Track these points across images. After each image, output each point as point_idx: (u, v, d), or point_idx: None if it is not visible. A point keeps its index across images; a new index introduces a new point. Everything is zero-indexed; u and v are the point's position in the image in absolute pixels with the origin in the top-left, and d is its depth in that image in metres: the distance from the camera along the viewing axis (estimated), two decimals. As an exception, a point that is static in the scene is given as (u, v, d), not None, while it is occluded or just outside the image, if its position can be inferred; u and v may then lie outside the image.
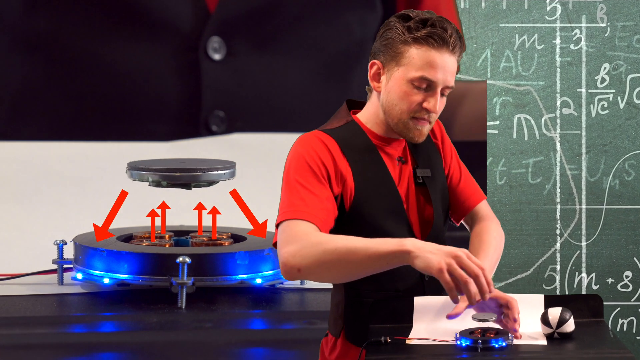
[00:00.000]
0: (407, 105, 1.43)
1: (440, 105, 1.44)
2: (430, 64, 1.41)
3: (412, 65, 1.41)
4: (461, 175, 1.54)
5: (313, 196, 1.37)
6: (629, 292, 2.41)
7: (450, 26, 1.44)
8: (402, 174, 1.48)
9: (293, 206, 1.36)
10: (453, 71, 1.44)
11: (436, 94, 1.43)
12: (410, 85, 1.42)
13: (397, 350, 1.34)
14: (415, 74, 1.41)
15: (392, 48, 1.43)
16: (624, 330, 2.40)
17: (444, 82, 1.43)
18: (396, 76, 1.43)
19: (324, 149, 1.42)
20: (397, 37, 1.42)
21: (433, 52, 1.42)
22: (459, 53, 1.44)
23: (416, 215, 1.47)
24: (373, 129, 1.47)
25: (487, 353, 1.32)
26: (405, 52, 1.42)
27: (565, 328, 1.35)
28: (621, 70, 2.32)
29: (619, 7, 2.29)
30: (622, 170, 2.41)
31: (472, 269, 1.29)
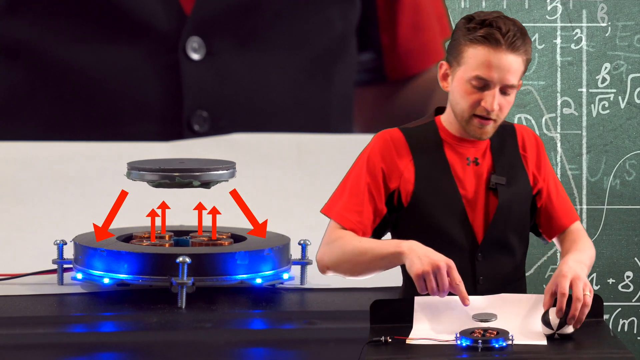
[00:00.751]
0: (467, 103, 1.50)
1: (503, 104, 1.50)
2: (485, 64, 1.47)
3: (469, 65, 1.49)
4: (558, 194, 1.59)
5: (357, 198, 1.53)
6: (629, 292, 2.41)
7: (508, 25, 1.48)
8: (474, 176, 1.53)
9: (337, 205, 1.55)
10: (513, 70, 1.49)
11: (493, 92, 1.48)
12: (469, 85, 1.49)
13: (397, 350, 1.34)
14: (472, 73, 1.48)
15: (455, 49, 1.51)
16: (624, 331, 2.39)
17: (500, 81, 1.48)
18: (458, 76, 1.50)
19: (388, 146, 1.53)
20: (459, 38, 1.50)
21: (487, 52, 1.48)
22: (523, 51, 1.49)
23: (482, 218, 1.52)
24: (449, 128, 1.54)
25: (487, 353, 1.32)
26: (464, 52, 1.49)
27: (565, 329, 1.35)
28: (622, 70, 2.31)
29: (619, 6, 2.29)
30: (623, 170, 2.41)
31: (442, 282, 1.40)
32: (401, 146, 1.52)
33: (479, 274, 1.52)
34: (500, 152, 1.54)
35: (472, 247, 1.52)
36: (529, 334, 1.37)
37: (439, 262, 1.40)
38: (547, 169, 1.61)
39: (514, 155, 1.56)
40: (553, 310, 1.33)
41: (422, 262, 1.42)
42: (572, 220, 1.60)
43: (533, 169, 1.57)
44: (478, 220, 1.51)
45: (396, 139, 1.52)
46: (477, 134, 1.50)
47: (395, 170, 1.51)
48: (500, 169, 1.53)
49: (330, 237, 1.55)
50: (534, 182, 1.57)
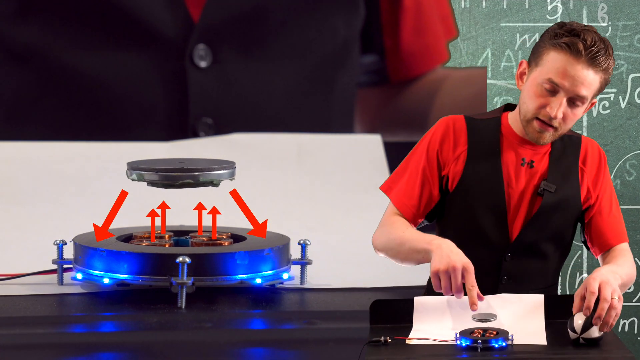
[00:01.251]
0: (534, 104, 1.50)
1: (568, 114, 1.50)
2: (560, 70, 1.48)
3: (545, 68, 1.49)
4: (610, 212, 1.59)
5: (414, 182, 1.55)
6: (630, 292, 2.40)
7: (594, 40, 1.48)
8: (525, 178, 1.53)
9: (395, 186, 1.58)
10: (587, 83, 1.48)
11: (560, 100, 1.48)
12: (540, 87, 1.50)
13: (397, 350, 1.34)
14: (546, 76, 1.49)
15: (538, 50, 1.52)
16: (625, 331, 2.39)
17: (571, 91, 1.48)
18: (532, 76, 1.51)
19: (449, 132, 1.55)
20: (545, 40, 1.51)
21: (566, 59, 1.48)
22: (602, 69, 1.49)
23: (521, 221, 1.53)
24: (512, 126, 1.56)
25: (487, 353, 1.32)
26: (545, 54, 1.50)
27: (591, 333, 1.34)
28: (622, 69, 2.31)
29: (620, 6, 2.28)
30: (624, 170, 2.40)
31: (455, 283, 1.41)
32: (461, 134, 1.54)
33: (504, 274, 1.52)
34: (558, 161, 1.54)
35: (503, 246, 1.52)
36: (528, 333, 1.37)
37: (456, 263, 1.41)
38: (605, 186, 1.60)
39: (572, 166, 1.56)
40: (579, 315, 1.32)
41: (441, 260, 1.43)
42: (619, 240, 1.58)
43: (589, 184, 1.57)
44: (517, 222, 1.52)
45: (458, 126, 1.54)
46: (535, 137, 1.51)
47: (449, 156, 1.53)
48: (554, 176, 1.53)
49: (385, 220, 1.57)
50: (587, 196, 1.57)
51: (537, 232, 1.53)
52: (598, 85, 1.51)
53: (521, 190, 1.53)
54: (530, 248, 1.54)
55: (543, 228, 1.53)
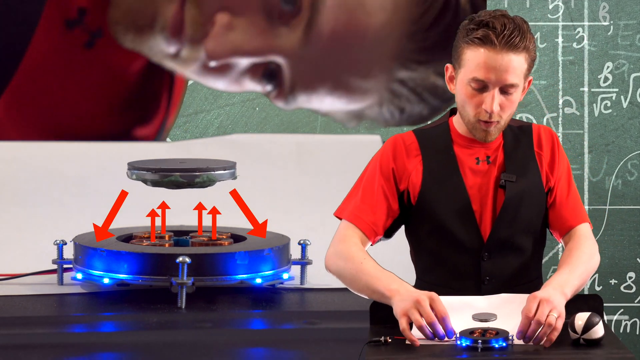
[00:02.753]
0: (471, 107, 1.49)
1: (504, 104, 1.47)
2: (481, 65, 1.46)
3: (468, 67, 1.47)
4: (568, 194, 1.56)
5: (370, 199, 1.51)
6: (632, 293, 2.40)
7: (505, 24, 1.45)
8: (484, 175, 1.52)
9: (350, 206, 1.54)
10: (511, 69, 1.45)
11: (492, 94, 1.46)
12: (468, 87, 1.48)
13: (397, 351, 1.33)
14: (470, 75, 1.47)
15: (456, 51, 1.50)
16: (627, 332, 2.38)
17: (498, 82, 1.46)
18: (459, 79, 1.50)
19: (399, 148, 1.54)
20: (459, 40, 1.49)
21: (483, 53, 1.45)
22: (522, 49, 1.46)
23: (489, 218, 1.51)
24: (459, 129, 1.54)
25: (487, 353, 1.31)
26: (463, 54, 1.48)
27: (591, 334, 1.33)
28: (624, 69, 2.31)
29: (621, 5, 2.28)
30: (625, 170, 2.40)
31: (427, 314, 1.38)
32: (412, 147, 1.52)
33: (485, 274, 1.50)
34: (513, 151, 1.52)
35: (478, 246, 1.50)
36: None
37: (419, 296, 1.38)
38: (562, 168, 1.57)
39: (528, 153, 1.53)
40: (580, 315, 1.32)
41: (404, 301, 1.39)
42: (578, 221, 1.54)
43: (546, 168, 1.54)
44: (486, 220, 1.50)
45: (407, 140, 1.53)
46: (482, 137, 1.49)
47: (405, 171, 1.52)
48: (512, 167, 1.51)
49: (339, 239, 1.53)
50: (547, 180, 1.54)
51: (508, 226, 1.50)
52: (525, 66, 1.47)
53: (483, 189, 1.51)
54: (505, 244, 1.50)
55: (513, 221, 1.50)
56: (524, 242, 1.53)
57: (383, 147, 1.55)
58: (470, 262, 1.51)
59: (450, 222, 1.49)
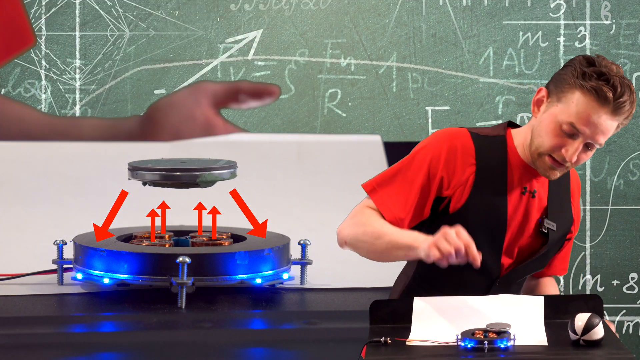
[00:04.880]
0: (550, 143, 1.47)
1: (582, 158, 1.48)
2: (584, 116, 1.44)
3: (568, 108, 1.45)
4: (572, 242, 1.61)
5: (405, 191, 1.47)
6: (634, 294, 2.39)
7: (623, 88, 1.44)
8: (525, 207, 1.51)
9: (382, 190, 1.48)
10: (607, 131, 1.46)
11: (578, 145, 1.46)
12: (559, 127, 1.46)
13: (397, 352, 1.33)
14: (567, 118, 1.45)
15: (561, 84, 1.47)
16: (629, 333, 2.37)
17: (590, 138, 1.46)
18: (552, 111, 1.47)
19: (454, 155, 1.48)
20: (570, 76, 1.46)
21: (593, 106, 1.44)
22: (623, 118, 1.46)
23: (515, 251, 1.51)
24: (519, 149, 1.51)
25: (493, 354, 1.31)
26: (569, 93, 1.45)
27: (592, 335, 1.32)
28: (626, 68, 2.30)
29: (623, 4, 2.27)
30: (627, 170, 2.39)
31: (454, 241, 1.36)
32: (468, 154, 1.48)
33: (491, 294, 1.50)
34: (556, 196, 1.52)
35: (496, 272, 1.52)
36: (529, 334, 1.36)
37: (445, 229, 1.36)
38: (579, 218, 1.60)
39: (566, 199, 1.54)
40: (580, 316, 1.31)
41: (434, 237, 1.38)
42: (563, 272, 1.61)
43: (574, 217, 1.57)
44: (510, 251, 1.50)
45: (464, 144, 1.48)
46: (546, 173, 1.48)
47: (456, 179, 1.48)
48: (553, 214, 1.52)
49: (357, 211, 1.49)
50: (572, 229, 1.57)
51: (534, 267, 1.54)
52: (615, 130, 1.48)
53: (520, 221, 1.51)
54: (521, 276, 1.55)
55: (543, 263, 1.54)
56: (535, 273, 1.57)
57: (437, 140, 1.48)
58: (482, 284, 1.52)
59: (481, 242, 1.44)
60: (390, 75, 2.50)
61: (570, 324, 1.33)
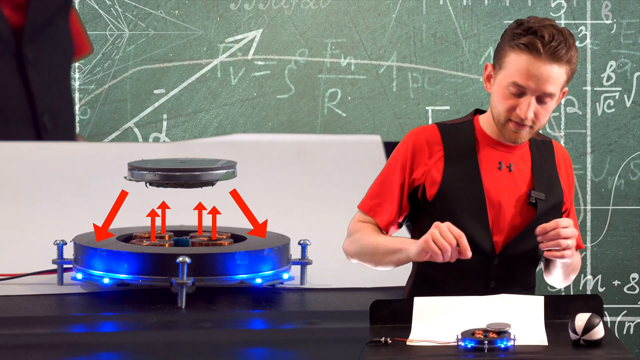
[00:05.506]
0: (503, 107, 1.50)
1: (539, 112, 1.49)
2: (523, 71, 1.47)
3: (509, 70, 1.49)
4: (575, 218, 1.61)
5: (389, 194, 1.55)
6: (635, 294, 2.39)
7: (552, 34, 1.46)
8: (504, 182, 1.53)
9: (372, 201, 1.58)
10: (552, 79, 1.47)
11: (529, 101, 1.48)
12: (507, 90, 1.49)
13: (397, 352, 1.33)
14: (510, 79, 1.48)
15: (499, 52, 1.51)
16: (630, 333, 2.37)
17: (537, 90, 1.48)
18: (498, 79, 1.51)
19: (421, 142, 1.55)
20: (505, 42, 1.51)
21: (527, 60, 1.47)
22: (565, 61, 1.47)
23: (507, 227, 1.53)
24: (486, 129, 1.55)
25: (493, 353, 1.30)
26: (506, 57, 1.50)
27: (592, 335, 1.32)
28: (626, 68, 2.30)
29: (624, 4, 2.27)
30: (628, 170, 2.39)
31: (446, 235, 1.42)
32: (434, 142, 1.53)
33: (492, 277, 1.52)
34: (540, 167, 1.54)
35: (490, 250, 1.52)
36: (529, 334, 1.36)
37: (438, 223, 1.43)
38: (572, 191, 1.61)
39: (553, 171, 1.55)
40: (580, 316, 1.32)
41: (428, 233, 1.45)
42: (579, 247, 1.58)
43: (564, 188, 1.57)
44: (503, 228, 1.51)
45: (430, 134, 1.54)
46: (512, 138, 1.50)
47: (422, 165, 1.53)
48: (540, 184, 1.53)
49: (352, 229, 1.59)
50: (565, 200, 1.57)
51: (529, 241, 1.52)
52: (565, 78, 1.49)
53: (501, 196, 1.52)
54: (520, 254, 1.54)
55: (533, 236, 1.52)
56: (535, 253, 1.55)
57: (404, 139, 1.56)
58: (480, 264, 1.52)
59: (466, 223, 1.50)
60: (391, 75, 2.49)
61: (571, 324, 1.33)
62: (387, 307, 1.41)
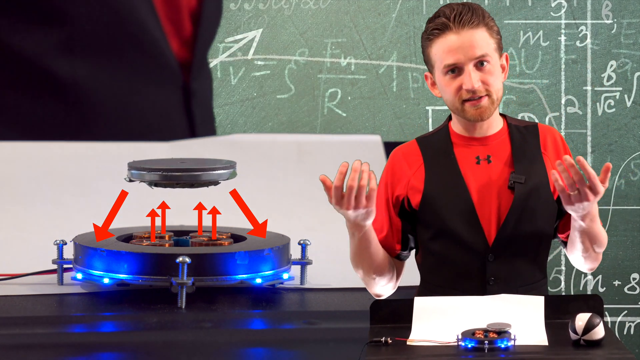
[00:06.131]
0: (451, 92, 1.51)
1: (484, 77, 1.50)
2: (447, 51, 1.50)
3: (438, 60, 1.51)
4: None
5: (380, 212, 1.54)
6: (636, 294, 2.39)
7: (452, 8, 1.50)
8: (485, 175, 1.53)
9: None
10: (475, 43, 1.49)
11: (467, 72, 1.49)
12: (446, 78, 1.51)
13: (397, 352, 1.33)
14: (440, 66, 1.51)
15: (424, 56, 1.55)
16: (630, 334, 2.37)
17: (468, 59, 1.50)
18: (437, 77, 1.53)
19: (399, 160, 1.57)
20: (423, 44, 1.54)
21: (444, 40, 1.50)
22: (476, 23, 1.49)
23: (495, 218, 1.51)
24: (457, 129, 1.56)
25: (493, 353, 1.30)
26: (430, 53, 1.53)
27: (592, 335, 1.32)
28: (627, 68, 2.29)
29: (624, 4, 2.27)
30: (628, 170, 2.39)
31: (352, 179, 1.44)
32: (413, 155, 1.55)
33: (490, 275, 1.50)
34: (521, 152, 1.53)
35: (483, 247, 1.50)
36: (529, 334, 1.36)
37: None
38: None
39: (535, 154, 1.54)
40: (580, 317, 1.31)
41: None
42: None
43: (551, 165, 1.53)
44: (491, 221, 1.50)
45: (408, 149, 1.56)
46: (476, 116, 1.50)
47: (403, 178, 1.54)
48: (520, 168, 1.52)
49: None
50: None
51: (515, 227, 1.50)
52: (492, 40, 1.50)
53: (485, 189, 1.51)
54: (511, 245, 1.51)
55: (520, 222, 1.50)
56: (530, 243, 1.52)
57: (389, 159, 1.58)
58: (475, 262, 1.51)
59: (454, 223, 1.50)
60: (391, 74, 2.49)
61: (571, 324, 1.33)
62: (387, 307, 1.41)
